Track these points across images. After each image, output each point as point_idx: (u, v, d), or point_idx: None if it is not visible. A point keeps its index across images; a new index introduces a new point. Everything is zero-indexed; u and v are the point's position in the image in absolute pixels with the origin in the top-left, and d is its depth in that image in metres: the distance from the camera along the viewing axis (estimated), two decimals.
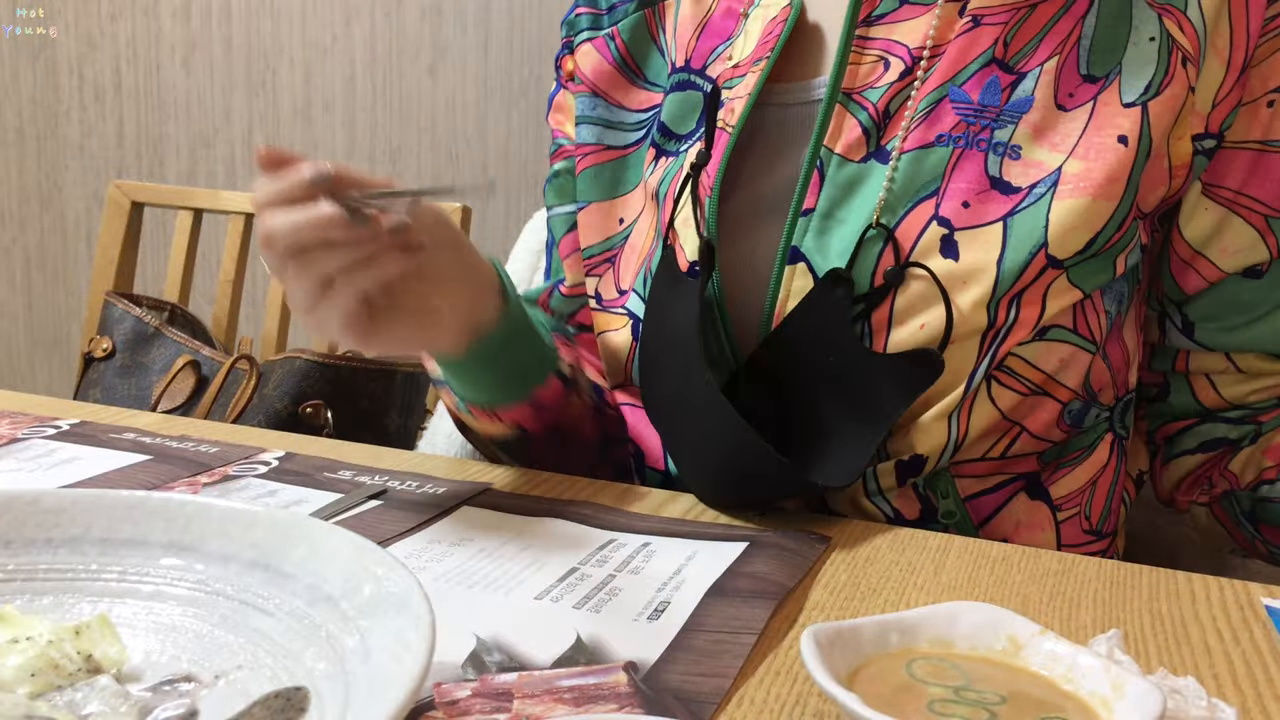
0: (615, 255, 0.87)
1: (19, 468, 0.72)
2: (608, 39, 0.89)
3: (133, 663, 0.46)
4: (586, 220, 0.88)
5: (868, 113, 0.74)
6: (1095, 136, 0.70)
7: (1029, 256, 0.69)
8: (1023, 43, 0.72)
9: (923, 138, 0.72)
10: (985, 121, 0.72)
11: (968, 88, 0.72)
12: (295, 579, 0.49)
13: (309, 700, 0.43)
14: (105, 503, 0.53)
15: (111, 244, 1.51)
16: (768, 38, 0.80)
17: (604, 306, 0.87)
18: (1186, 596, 0.62)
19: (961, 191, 0.71)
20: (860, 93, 0.75)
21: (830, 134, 0.75)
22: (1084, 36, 0.72)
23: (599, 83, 0.89)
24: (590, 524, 0.66)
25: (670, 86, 0.85)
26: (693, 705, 0.46)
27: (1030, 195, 0.70)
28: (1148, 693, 0.41)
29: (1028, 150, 0.71)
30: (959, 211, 0.71)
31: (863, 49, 0.76)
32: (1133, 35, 0.71)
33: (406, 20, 2.30)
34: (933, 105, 0.73)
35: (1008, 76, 0.72)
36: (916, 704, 0.42)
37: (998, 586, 0.62)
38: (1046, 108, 0.71)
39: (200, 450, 0.77)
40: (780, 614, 0.56)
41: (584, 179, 0.89)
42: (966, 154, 0.72)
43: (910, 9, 0.76)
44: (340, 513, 0.66)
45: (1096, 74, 0.71)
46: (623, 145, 0.88)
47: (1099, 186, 0.69)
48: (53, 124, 2.62)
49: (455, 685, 0.47)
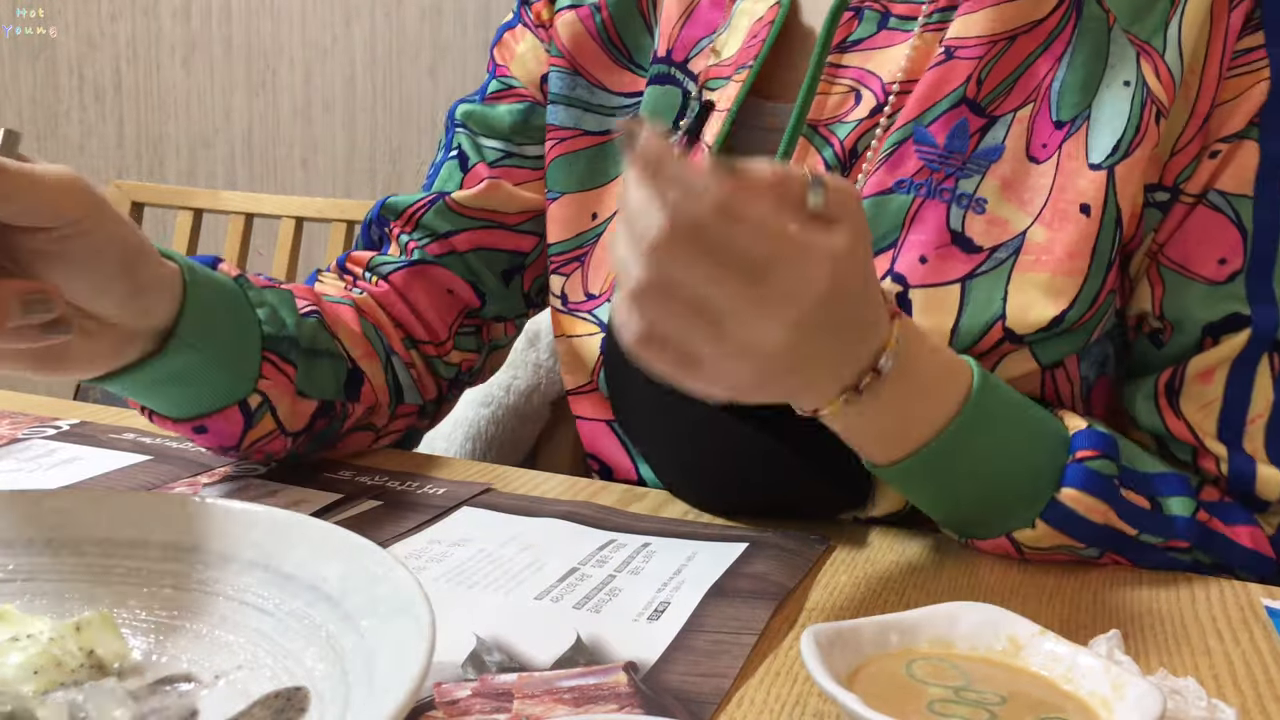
0: (586, 254, 0.81)
1: (19, 468, 0.72)
2: (593, 9, 0.82)
3: (133, 662, 0.46)
4: (557, 213, 0.82)
5: (833, 149, 0.70)
6: (1059, 200, 0.65)
7: (985, 327, 0.65)
8: (996, 81, 0.67)
9: (882, 182, 0.67)
10: (950, 169, 0.67)
11: (934, 129, 0.67)
12: (295, 579, 0.49)
13: (309, 700, 0.43)
14: (105, 503, 0.53)
15: None
16: (753, 41, 0.74)
17: (569, 309, 0.81)
18: (1186, 597, 0.62)
19: (920, 244, 0.66)
20: (828, 125, 0.70)
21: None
22: (1056, 79, 0.67)
23: (580, 58, 0.81)
24: (590, 524, 0.66)
25: (650, 77, 0.80)
26: (693, 706, 0.46)
27: (991, 259, 0.65)
28: (1148, 693, 0.41)
29: (994, 204, 0.66)
30: (915, 267, 0.66)
31: (835, 77, 0.71)
32: (1107, 75, 0.66)
33: (406, 20, 2.30)
34: (896, 146, 0.68)
35: (978, 120, 0.67)
36: (916, 704, 0.42)
37: (998, 587, 0.62)
38: (1017, 159, 0.66)
39: (200, 450, 0.77)
40: (780, 614, 0.56)
41: (557, 167, 0.82)
42: (928, 204, 0.67)
43: (889, 35, 0.70)
44: (340, 513, 0.66)
45: (1064, 118, 0.66)
46: (602, 131, 0.81)
47: (1059, 262, 0.65)
48: (53, 124, 2.62)
49: (455, 685, 0.47)
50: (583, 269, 0.81)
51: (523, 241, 0.85)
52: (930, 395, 0.58)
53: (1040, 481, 0.62)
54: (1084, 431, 0.63)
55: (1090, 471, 0.61)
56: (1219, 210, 0.66)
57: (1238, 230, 0.65)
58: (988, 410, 0.60)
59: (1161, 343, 0.69)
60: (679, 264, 0.46)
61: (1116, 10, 0.67)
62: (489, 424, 0.96)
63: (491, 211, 0.83)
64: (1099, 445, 0.62)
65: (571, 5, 0.82)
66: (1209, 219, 0.66)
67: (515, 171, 0.84)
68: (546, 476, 0.77)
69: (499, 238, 0.84)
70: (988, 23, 0.67)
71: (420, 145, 2.33)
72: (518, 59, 0.85)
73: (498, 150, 0.84)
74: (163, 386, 0.64)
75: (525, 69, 0.85)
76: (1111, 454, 0.62)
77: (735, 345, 0.48)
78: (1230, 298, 0.66)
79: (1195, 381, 0.67)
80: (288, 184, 2.43)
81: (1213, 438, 0.67)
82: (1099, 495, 0.61)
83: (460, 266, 0.83)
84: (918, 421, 0.59)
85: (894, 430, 0.59)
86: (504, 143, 0.84)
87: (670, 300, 0.47)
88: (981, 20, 0.67)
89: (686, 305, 0.47)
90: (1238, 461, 0.66)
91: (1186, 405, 0.67)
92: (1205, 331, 0.67)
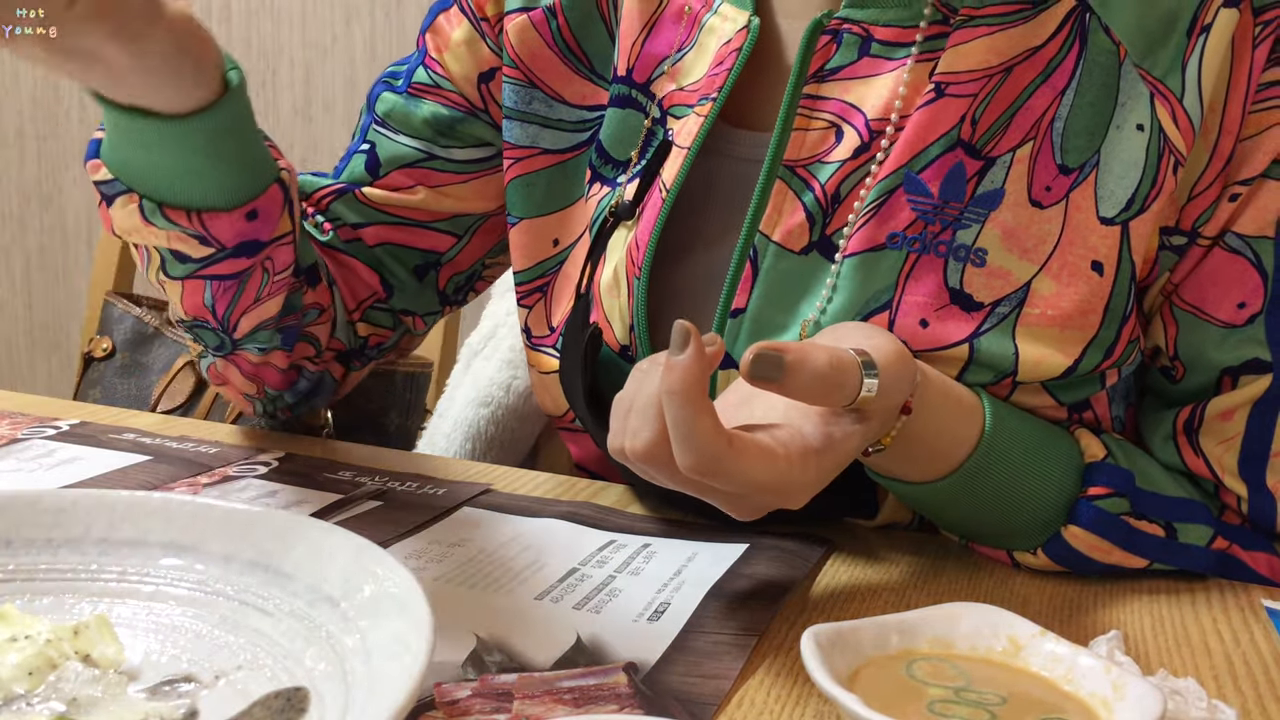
0: (548, 284, 0.75)
1: (19, 468, 0.72)
2: (548, 13, 0.74)
3: (133, 663, 0.46)
4: (516, 239, 0.76)
5: (814, 194, 0.64)
6: (1068, 253, 0.61)
7: (995, 379, 0.62)
8: (992, 119, 0.62)
9: (872, 237, 0.62)
10: (946, 220, 0.61)
11: (927, 176, 0.61)
12: (295, 579, 0.49)
13: (309, 700, 0.43)
14: (105, 503, 0.53)
15: (111, 244, 1.50)
16: (718, 69, 0.67)
17: (534, 344, 0.76)
18: (1187, 598, 0.61)
19: (918, 306, 0.61)
20: (807, 166, 0.64)
21: (767, 217, 0.64)
22: (1058, 117, 0.61)
23: (535, 68, 0.74)
24: (590, 525, 0.66)
25: (611, 98, 0.73)
26: (693, 706, 0.46)
27: (993, 315, 0.61)
28: (1148, 694, 0.41)
29: (994, 255, 0.61)
30: (917, 332, 0.61)
31: (813, 110, 0.64)
32: (1117, 115, 0.61)
33: (406, 20, 2.30)
34: (886, 195, 0.62)
35: (974, 163, 0.62)
36: (917, 705, 0.42)
37: (998, 587, 0.62)
38: (1018, 204, 0.61)
39: (200, 450, 0.77)
40: (780, 615, 0.56)
41: (514, 189, 0.76)
42: (923, 259, 0.62)
43: (871, 63, 0.64)
44: (340, 513, 0.66)
45: (1070, 164, 0.61)
46: (561, 149, 0.75)
47: (1068, 316, 0.61)
48: (53, 124, 2.62)
49: (455, 685, 0.47)
50: (545, 300, 0.76)
51: (439, 240, 0.80)
52: (942, 438, 0.58)
53: (1048, 514, 0.61)
54: (1100, 464, 0.61)
55: (1099, 511, 0.60)
56: (1238, 253, 0.63)
57: (1258, 273, 0.62)
58: (999, 451, 0.59)
59: (1174, 379, 0.67)
60: (674, 484, 0.50)
61: (1127, 42, 0.61)
62: (489, 424, 0.96)
63: (405, 208, 0.79)
64: (1113, 482, 0.61)
65: (523, 8, 0.75)
66: (1227, 262, 0.63)
67: (435, 175, 0.79)
68: (546, 476, 0.77)
69: (411, 235, 0.80)
70: (982, 54, 0.62)
71: None
72: (451, 50, 0.78)
73: (417, 151, 0.79)
74: (221, 141, 0.61)
75: (460, 63, 0.77)
76: (1126, 489, 0.61)
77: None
78: (1250, 341, 0.63)
79: (1215, 419, 0.65)
80: None
81: (1233, 475, 0.65)
82: (1106, 535, 0.61)
83: (367, 256, 0.80)
84: (926, 465, 0.59)
85: (903, 472, 0.60)
86: (424, 143, 0.79)
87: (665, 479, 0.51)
88: (975, 51, 0.62)
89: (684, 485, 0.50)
90: (1258, 500, 0.65)
91: (1206, 441, 0.65)
92: (1224, 373, 0.65)
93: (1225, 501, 0.67)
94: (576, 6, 0.74)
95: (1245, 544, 0.65)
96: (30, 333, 2.72)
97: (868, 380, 0.50)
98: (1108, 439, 0.64)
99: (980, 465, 0.59)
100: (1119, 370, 0.65)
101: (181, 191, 0.62)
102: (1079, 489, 0.61)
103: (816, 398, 0.49)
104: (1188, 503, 0.64)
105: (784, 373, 0.47)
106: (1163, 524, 0.62)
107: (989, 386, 0.62)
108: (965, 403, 0.59)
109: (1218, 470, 0.65)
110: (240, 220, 0.64)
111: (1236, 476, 0.65)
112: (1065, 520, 0.61)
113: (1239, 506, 0.66)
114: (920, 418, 0.56)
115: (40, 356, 2.71)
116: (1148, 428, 0.69)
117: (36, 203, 2.66)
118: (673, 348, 0.46)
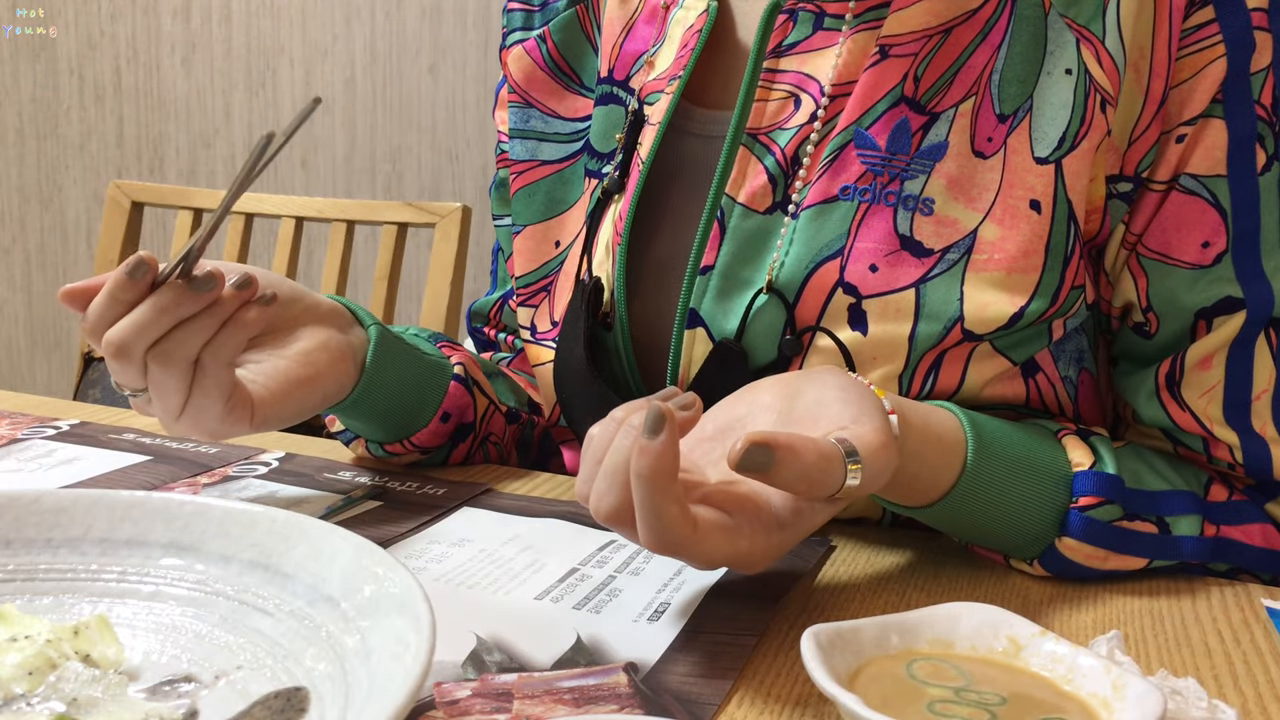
0: (551, 283, 0.80)
1: (19, 468, 0.72)
2: (539, 40, 0.82)
3: (133, 663, 0.46)
4: (522, 245, 0.81)
5: (774, 157, 0.68)
6: (1009, 197, 0.64)
7: (943, 330, 0.64)
8: (935, 77, 0.66)
9: (825, 190, 0.66)
10: (894, 172, 0.65)
11: (874, 131, 0.65)
12: (295, 579, 0.49)
13: (309, 700, 0.43)
14: (105, 503, 0.53)
15: (111, 244, 1.51)
16: (683, 51, 0.73)
17: (538, 339, 0.80)
18: (1187, 597, 0.61)
19: (869, 253, 0.65)
20: (768, 133, 0.69)
21: (733, 180, 0.68)
22: (995, 70, 0.65)
23: (531, 90, 0.82)
24: (590, 524, 0.66)
25: (596, 98, 0.79)
26: (693, 706, 0.46)
27: (942, 261, 0.64)
28: (1148, 693, 0.41)
29: (942, 204, 0.64)
30: (866, 277, 0.65)
31: (772, 82, 0.69)
32: (1047, 62, 0.64)
33: (406, 20, 2.30)
34: (837, 151, 0.66)
35: (919, 118, 0.65)
36: (916, 705, 0.42)
37: (998, 587, 0.62)
38: (962, 155, 0.65)
39: (200, 450, 0.77)
40: (780, 615, 0.56)
41: (519, 200, 0.81)
42: (873, 209, 0.65)
43: (825, 35, 0.68)
44: (340, 513, 0.66)
45: (1006, 111, 0.65)
46: (557, 159, 0.81)
47: (1013, 259, 0.63)
48: (53, 124, 2.62)
49: (455, 685, 0.47)
50: (549, 298, 0.80)
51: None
52: (921, 479, 0.58)
53: (1040, 527, 0.61)
54: (1086, 474, 0.61)
55: (1090, 520, 0.60)
56: (1194, 194, 0.64)
57: (1216, 211, 0.64)
58: (984, 479, 0.60)
59: (1149, 334, 0.68)
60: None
61: None
62: None
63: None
64: (1102, 490, 0.61)
65: (519, 39, 0.83)
66: (1185, 204, 0.64)
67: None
68: (546, 477, 0.77)
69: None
70: (922, 17, 0.66)
71: (420, 145, 2.33)
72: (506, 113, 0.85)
73: None
74: (385, 393, 0.71)
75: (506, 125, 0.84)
76: (1114, 495, 0.61)
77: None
78: (1220, 280, 0.65)
79: (1195, 370, 0.66)
80: (288, 184, 2.43)
81: (1221, 424, 0.66)
82: (1099, 543, 0.61)
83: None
84: (908, 497, 0.60)
85: (885, 498, 0.61)
86: None
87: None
88: (915, 15, 0.66)
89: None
90: (1251, 446, 0.65)
91: (1189, 394, 0.66)
92: (1198, 316, 0.66)
93: (1218, 457, 0.67)
94: (563, 29, 0.81)
95: (1234, 519, 0.65)
96: (30, 333, 2.72)
97: (851, 473, 0.49)
98: (1095, 443, 0.64)
99: (964, 492, 0.59)
100: (1064, 323, 0.67)
101: (382, 431, 0.74)
102: (1069, 499, 0.61)
103: (801, 491, 0.49)
104: (1175, 494, 0.65)
105: (773, 466, 0.47)
106: (1154, 519, 0.63)
107: (942, 341, 0.64)
108: (946, 439, 0.59)
109: (1205, 422, 0.66)
110: (438, 425, 0.75)
111: (1225, 425, 0.66)
112: (1058, 532, 0.61)
113: (1233, 456, 0.66)
114: (900, 465, 0.56)
115: (40, 356, 2.71)
116: (1130, 391, 0.70)
117: (36, 203, 2.67)
118: (646, 429, 0.46)
